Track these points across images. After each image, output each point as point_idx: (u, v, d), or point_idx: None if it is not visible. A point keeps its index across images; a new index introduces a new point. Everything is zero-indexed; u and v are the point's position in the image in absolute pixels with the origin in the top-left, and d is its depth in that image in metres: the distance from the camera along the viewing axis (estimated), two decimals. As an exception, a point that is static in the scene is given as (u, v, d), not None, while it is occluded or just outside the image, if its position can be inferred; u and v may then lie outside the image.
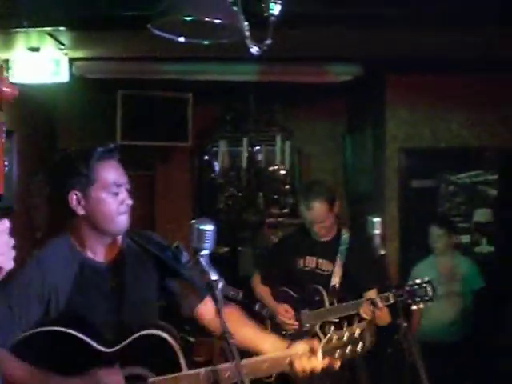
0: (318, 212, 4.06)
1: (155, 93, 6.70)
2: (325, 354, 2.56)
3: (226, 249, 7.00)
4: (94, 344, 2.31)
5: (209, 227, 2.34)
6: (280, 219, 7.15)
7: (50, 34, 4.70)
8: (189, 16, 3.03)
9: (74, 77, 5.76)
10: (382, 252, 3.59)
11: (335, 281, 4.08)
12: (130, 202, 2.44)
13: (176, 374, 2.35)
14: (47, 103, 6.32)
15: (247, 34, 3.19)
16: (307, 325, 4.08)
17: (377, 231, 3.61)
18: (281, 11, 3.36)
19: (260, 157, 6.88)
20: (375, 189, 6.78)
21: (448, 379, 5.05)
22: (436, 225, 5.67)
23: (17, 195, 6.01)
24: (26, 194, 6.27)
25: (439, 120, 6.43)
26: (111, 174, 2.41)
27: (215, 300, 2.29)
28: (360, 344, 2.63)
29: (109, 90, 6.57)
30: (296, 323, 4.14)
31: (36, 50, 5.27)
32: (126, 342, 2.34)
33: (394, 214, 6.47)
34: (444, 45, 5.15)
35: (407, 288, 3.81)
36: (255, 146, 7.02)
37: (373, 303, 3.74)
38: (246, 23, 3.17)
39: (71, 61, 5.61)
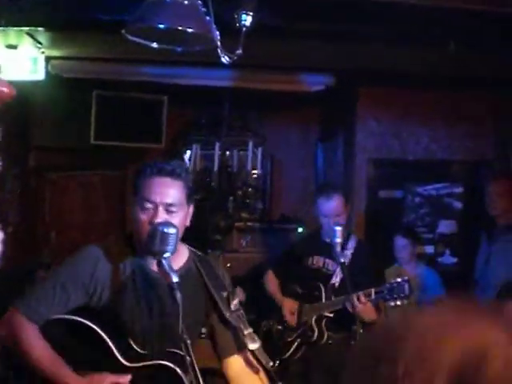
0: (337, 202, 4.37)
1: (130, 94, 6.73)
2: None
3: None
4: (115, 351, 2.41)
5: (172, 230, 2.41)
6: (249, 223, 7.23)
7: (27, 33, 4.76)
8: (162, 24, 3.12)
9: (50, 75, 5.80)
10: (342, 260, 3.74)
11: (335, 280, 4.37)
12: (156, 221, 2.45)
13: None
14: (22, 100, 6.34)
15: (219, 43, 3.30)
16: (305, 317, 4.42)
17: (338, 239, 3.75)
18: (255, 22, 3.47)
19: (232, 161, 6.94)
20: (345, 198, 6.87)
21: None
22: (400, 235, 5.78)
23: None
24: (-1, 189, 6.30)
25: (408, 133, 6.56)
26: (149, 189, 2.49)
27: (175, 301, 2.34)
28: None
29: (84, 89, 6.60)
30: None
31: (14, 47, 5.31)
32: (144, 363, 2.43)
33: (361, 223, 6.59)
34: (415, 60, 5.28)
35: (387, 285, 4.07)
36: (228, 150, 7.08)
37: (357, 298, 3.93)
38: (218, 33, 3.27)
39: (48, 59, 5.66)
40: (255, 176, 7.07)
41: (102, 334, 2.43)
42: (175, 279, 2.35)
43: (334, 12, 4.01)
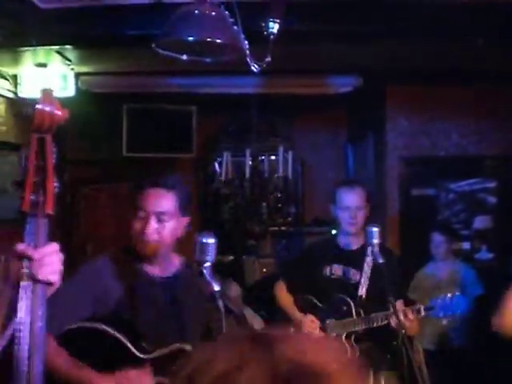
0: (358, 195, 4.02)
1: (160, 106, 6.82)
2: None
3: (231, 257, 7.09)
4: (132, 348, 2.49)
5: (211, 240, 2.46)
6: (283, 228, 7.25)
7: (57, 51, 4.84)
8: (191, 36, 3.16)
9: (80, 91, 5.89)
10: (381, 260, 3.66)
11: (362, 291, 3.97)
12: (146, 230, 2.62)
13: None
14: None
15: (247, 52, 3.33)
16: (333, 334, 3.95)
17: (375, 240, 3.69)
18: (282, 28, 3.49)
19: (263, 167, 6.97)
20: (376, 198, 6.87)
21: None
22: (437, 231, 5.74)
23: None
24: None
25: (438, 129, 6.52)
26: (144, 201, 2.65)
27: (218, 309, 2.40)
28: None
29: (114, 103, 6.69)
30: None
31: (43, 65, 5.41)
32: (161, 352, 2.52)
33: (396, 221, 6.57)
34: (441, 57, 5.27)
35: (439, 301, 3.75)
36: (258, 156, 7.12)
37: (404, 315, 3.64)
38: (247, 42, 3.31)
39: (77, 75, 5.75)
40: (287, 180, 7.10)
41: (115, 333, 2.49)
42: (217, 288, 2.39)
43: (359, 14, 4.02)
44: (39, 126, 1.72)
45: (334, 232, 6.99)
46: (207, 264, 2.44)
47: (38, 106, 1.69)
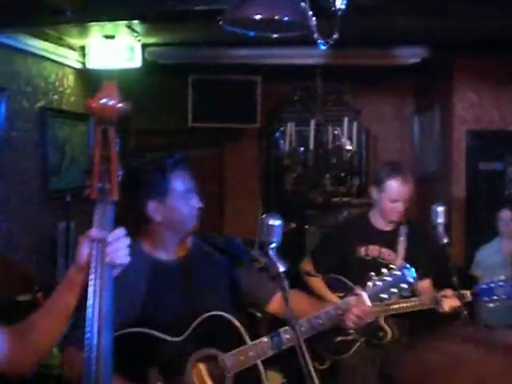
0: (410, 187, 3.90)
1: (225, 76, 6.85)
2: (372, 299, 2.75)
3: (293, 225, 7.09)
4: (166, 337, 2.50)
5: (277, 222, 2.48)
6: (346, 199, 7.23)
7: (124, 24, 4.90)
8: (258, 14, 3.15)
9: (146, 62, 5.96)
10: (445, 240, 3.62)
11: None
12: (200, 205, 2.64)
13: (242, 348, 2.56)
14: (121, 87, 6.54)
15: (315, 29, 3.30)
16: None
17: (440, 220, 3.64)
18: (349, 2, 3.45)
19: (327, 137, 6.92)
20: (442, 170, 6.79)
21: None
22: (507, 208, 5.61)
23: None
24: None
25: (507, 103, 6.38)
26: (183, 183, 2.61)
27: (283, 289, 2.42)
28: (403, 284, 2.77)
29: (180, 74, 6.75)
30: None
31: (111, 37, 5.49)
32: (192, 328, 2.52)
33: (461, 196, 6.48)
34: (509, 28, 5.12)
35: (484, 286, 3.71)
36: (322, 125, 7.07)
37: (461, 296, 3.59)
38: (314, 18, 3.28)
39: (144, 47, 5.81)
40: (351, 152, 7.04)
41: (149, 331, 2.49)
42: (282, 269, 2.42)
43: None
44: (102, 119, 1.80)
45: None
46: (273, 245, 2.47)
47: (101, 100, 1.76)
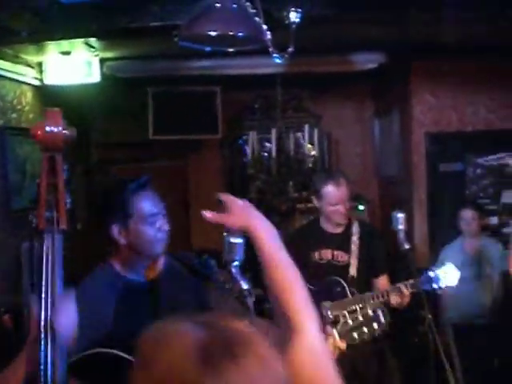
0: (346, 188, 4.12)
1: (184, 88, 6.86)
2: (342, 337, 2.76)
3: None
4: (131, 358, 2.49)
5: (238, 240, 2.48)
6: (310, 205, 7.26)
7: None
8: (213, 31, 3.17)
9: (105, 76, 5.93)
10: (407, 246, 3.70)
11: (353, 271, 4.10)
12: (166, 227, 2.61)
13: None
14: (81, 102, 6.52)
15: (269, 43, 3.34)
16: (331, 316, 3.94)
17: (401, 226, 3.72)
18: (304, 14, 3.49)
19: (289, 144, 6.96)
20: (403, 173, 6.87)
21: (478, 360, 5.18)
22: (468, 208, 5.70)
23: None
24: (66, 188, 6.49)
25: (465, 104, 6.47)
26: (146, 205, 2.58)
27: (247, 308, 2.43)
28: (375, 323, 2.78)
29: (139, 87, 6.74)
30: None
31: (67, 53, 5.46)
32: None
33: (423, 197, 6.56)
34: (466, 30, 5.20)
35: (431, 274, 3.82)
36: (284, 133, 7.10)
37: (399, 291, 3.77)
38: (268, 32, 3.31)
39: (102, 61, 5.78)
40: (313, 158, 7.08)
41: (118, 353, 2.48)
42: (245, 286, 2.42)
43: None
44: (47, 147, 1.79)
45: (361, 207, 7.07)
46: (235, 263, 2.47)
47: (45, 128, 1.75)
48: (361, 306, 3.80)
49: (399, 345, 4.14)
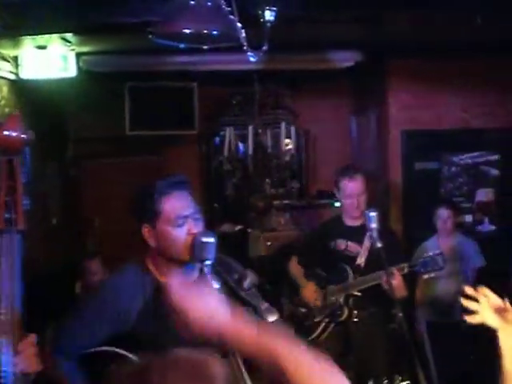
0: (360, 183, 4.46)
1: (161, 83, 6.83)
2: None
3: (239, 227, 7.11)
4: None
5: (210, 239, 2.47)
6: (287, 202, 7.28)
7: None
8: (187, 28, 3.16)
9: (81, 70, 5.90)
10: (379, 245, 3.73)
11: (360, 260, 4.46)
12: (195, 231, 2.48)
13: None
14: (57, 97, 6.48)
15: (244, 41, 3.34)
16: (332, 298, 4.51)
17: (373, 225, 3.76)
18: (280, 12, 3.49)
19: (266, 141, 6.97)
20: (379, 171, 6.90)
21: (451, 356, 5.22)
22: (443, 206, 5.75)
23: (33, 184, 6.19)
24: (40, 182, 6.45)
25: (441, 103, 6.52)
26: (174, 206, 2.49)
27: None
28: None
29: (116, 82, 6.71)
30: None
31: (43, 47, 5.42)
32: None
33: (399, 195, 6.60)
34: (442, 29, 5.23)
35: (421, 260, 4.19)
36: (261, 129, 7.11)
37: (390, 274, 3.92)
38: (243, 30, 3.31)
39: (78, 55, 5.75)
40: (290, 155, 7.10)
41: (129, 355, 2.47)
42: (216, 286, 2.41)
43: None
44: (6, 150, 1.84)
45: (337, 204, 7.09)
46: (207, 262, 2.46)
47: (4, 132, 1.79)
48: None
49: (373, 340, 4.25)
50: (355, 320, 4.44)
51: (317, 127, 7.85)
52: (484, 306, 2.35)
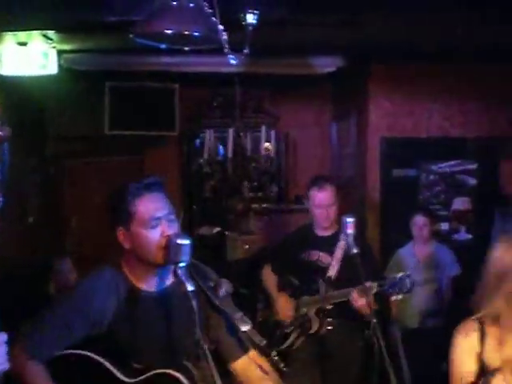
0: (329, 193, 4.42)
1: (142, 83, 6.82)
2: None
3: (218, 229, 7.10)
4: (117, 372, 2.42)
5: (185, 241, 2.45)
6: (265, 205, 7.29)
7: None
8: (169, 29, 3.15)
9: (62, 68, 5.86)
10: (355, 250, 3.72)
11: (331, 272, 4.40)
12: (169, 233, 2.43)
13: None
14: (37, 94, 6.44)
15: (225, 43, 3.34)
16: (304, 309, 4.46)
17: (350, 231, 3.74)
18: (261, 16, 3.49)
19: (246, 144, 6.96)
20: (358, 177, 6.92)
21: (426, 363, 5.24)
22: (420, 214, 5.77)
23: (10, 182, 6.14)
24: (18, 180, 6.41)
25: (420, 110, 6.56)
26: (148, 208, 2.44)
27: (192, 311, 2.38)
28: None
29: (97, 81, 6.68)
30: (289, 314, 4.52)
31: (24, 44, 5.38)
32: (144, 376, 2.43)
33: (376, 202, 6.62)
34: (423, 37, 5.25)
35: (389, 280, 4.08)
36: (241, 133, 7.10)
37: (360, 291, 3.95)
38: (225, 33, 3.31)
39: (60, 53, 5.71)
40: (269, 158, 7.09)
41: (99, 359, 2.45)
42: (190, 288, 2.39)
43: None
44: None
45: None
46: (182, 264, 2.44)
47: None
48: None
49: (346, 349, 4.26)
50: (328, 328, 4.40)
51: (297, 132, 7.86)
52: None
